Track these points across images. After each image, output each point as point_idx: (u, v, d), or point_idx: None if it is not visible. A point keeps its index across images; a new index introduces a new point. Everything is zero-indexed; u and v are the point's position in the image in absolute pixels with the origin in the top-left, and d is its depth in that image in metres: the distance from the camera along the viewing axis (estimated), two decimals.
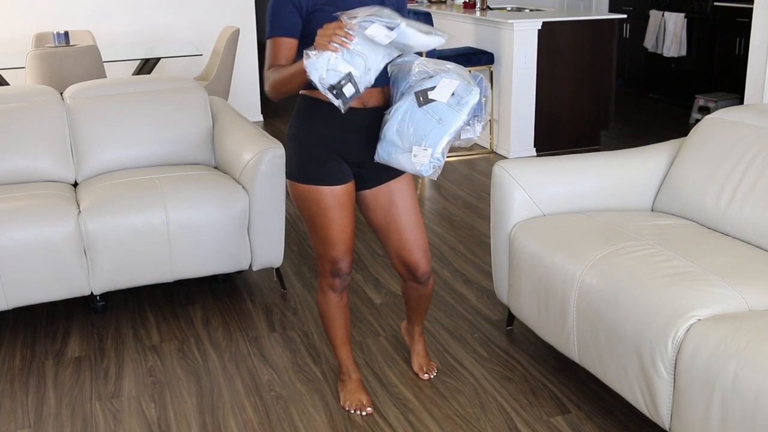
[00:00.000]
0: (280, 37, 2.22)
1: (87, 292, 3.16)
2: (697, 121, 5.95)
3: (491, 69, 5.69)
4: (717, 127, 2.84)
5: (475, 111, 2.19)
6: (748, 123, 2.77)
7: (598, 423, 2.49)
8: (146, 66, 5.70)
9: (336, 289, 2.47)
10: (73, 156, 3.55)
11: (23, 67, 5.00)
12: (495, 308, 3.28)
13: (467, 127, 2.21)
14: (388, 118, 2.19)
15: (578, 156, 3.02)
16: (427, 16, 5.45)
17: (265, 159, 3.23)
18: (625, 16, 6.30)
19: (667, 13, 7.12)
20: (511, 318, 3.10)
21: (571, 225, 2.71)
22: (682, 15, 6.96)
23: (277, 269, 3.52)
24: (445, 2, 7.24)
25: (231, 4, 6.78)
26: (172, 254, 3.19)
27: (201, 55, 5.73)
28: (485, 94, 2.22)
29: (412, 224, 2.45)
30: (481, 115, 2.22)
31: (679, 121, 6.74)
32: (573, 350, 2.52)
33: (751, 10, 4.74)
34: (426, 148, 2.14)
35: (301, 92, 2.35)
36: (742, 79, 5.64)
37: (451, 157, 5.68)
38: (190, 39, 6.66)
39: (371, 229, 2.54)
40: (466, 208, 4.56)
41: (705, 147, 2.82)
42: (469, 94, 2.14)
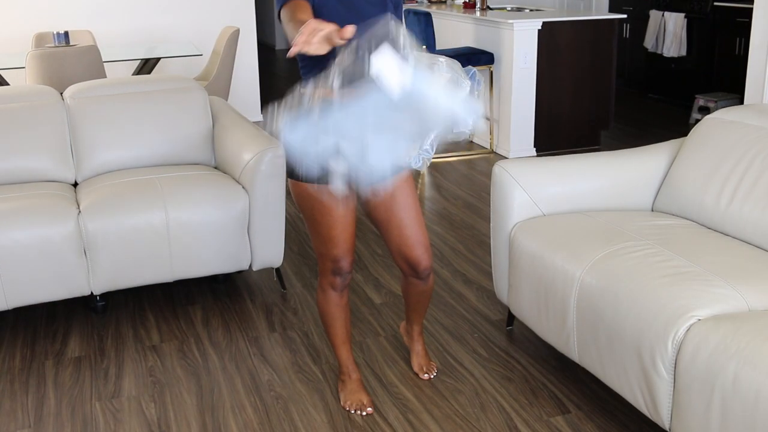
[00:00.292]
0: None
1: (87, 292, 3.16)
2: (697, 121, 5.95)
3: (491, 69, 5.69)
4: (717, 127, 2.84)
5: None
6: (748, 123, 2.77)
7: (598, 423, 2.49)
8: (146, 66, 5.70)
9: (337, 287, 2.47)
10: (73, 156, 3.55)
11: (23, 67, 5.00)
12: (495, 308, 3.28)
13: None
14: None
15: (578, 156, 3.02)
16: (427, 16, 5.45)
17: (265, 159, 3.23)
18: (625, 16, 6.30)
19: (667, 13, 7.12)
20: (511, 318, 3.10)
21: (571, 225, 2.71)
22: (682, 15, 6.96)
23: (277, 269, 3.52)
24: (445, 2, 7.24)
25: (231, 4, 6.78)
26: (172, 254, 3.19)
27: (201, 55, 5.73)
28: (478, 88, 2.22)
29: (413, 220, 2.46)
30: (473, 108, 2.22)
31: (679, 121, 6.74)
32: (573, 350, 2.52)
33: (751, 10, 4.75)
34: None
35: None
36: (742, 79, 5.64)
37: (451, 157, 5.68)
38: (190, 39, 6.66)
39: (372, 227, 2.54)
40: (466, 208, 4.56)
41: (705, 147, 2.82)
42: (459, 88, 2.14)
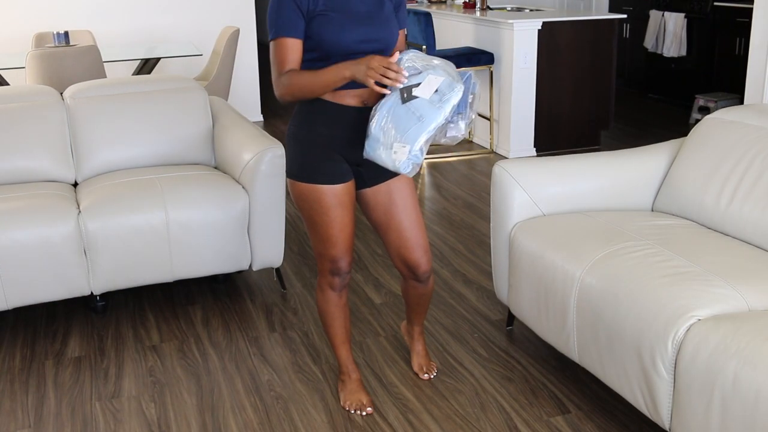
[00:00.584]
0: (286, 38, 2.21)
1: (87, 292, 3.16)
2: (697, 121, 5.95)
3: (491, 69, 5.69)
4: (717, 127, 2.84)
5: (459, 108, 2.17)
6: (748, 123, 2.77)
7: (598, 423, 2.48)
8: (146, 66, 5.70)
9: (335, 287, 2.47)
10: (73, 156, 3.55)
11: (23, 67, 5.00)
12: (495, 308, 3.28)
13: (451, 124, 2.19)
14: (374, 114, 2.19)
15: (578, 156, 3.02)
16: (427, 16, 5.45)
17: (265, 159, 3.23)
18: (625, 16, 6.30)
19: (667, 13, 7.12)
20: (511, 318, 3.10)
21: (571, 225, 2.71)
22: (682, 15, 6.96)
23: (277, 269, 3.52)
24: (445, 2, 7.24)
25: (231, 4, 6.78)
26: (172, 254, 3.19)
27: (201, 55, 5.73)
28: (473, 91, 2.20)
29: (413, 223, 2.45)
30: (466, 113, 2.20)
31: (679, 121, 6.74)
32: (573, 350, 2.52)
33: (751, 10, 4.75)
34: (404, 145, 2.13)
35: None
36: (742, 79, 5.64)
37: (451, 157, 5.68)
38: (190, 39, 6.67)
39: (372, 229, 2.54)
40: (466, 208, 4.56)
41: (705, 147, 2.82)
42: (452, 92, 2.13)
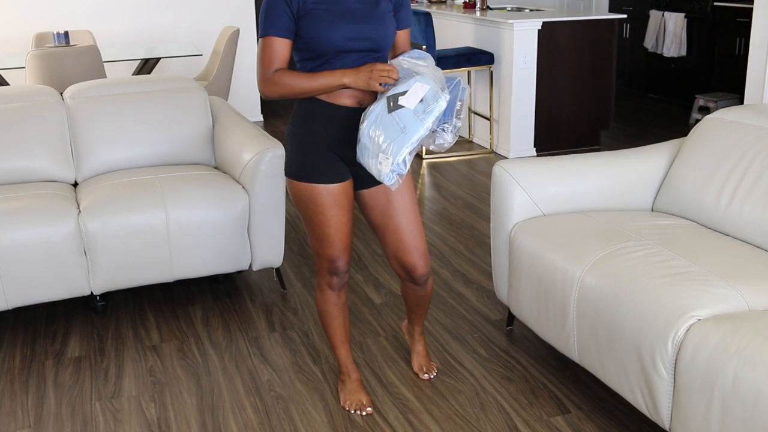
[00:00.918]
0: (274, 37, 2.23)
1: (87, 292, 3.16)
2: (697, 121, 5.96)
3: (491, 69, 5.69)
4: (717, 127, 2.84)
5: (445, 117, 2.16)
6: (748, 123, 2.77)
7: (598, 423, 2.48)
8: (146, 66, 5.70)
9: (334, 287, 2.47)
10: (73, 156, 3.55)
11: (23, 67, 5.00)
12: (495, 308, 3.28)
13: (438, 132, 2.18)
14: (364, 119, 2.19)
15: (578, 156, 3.02)
16: (427, 16, 5.45)
17: (265, 159, 3.23)
18: (625, 16, 6.30)
19: (667, 13, 7.12)
20: (511, 318, 3.10)
21: (571, 225, 2.71)
22: (682, 15, 6.96)
23: (277, 269, 3.52)
24: (445, 2, 7.24)
25: (231, 4, 6.78)
26: (172, 254, 3.19)
27: (201, 55, 5.73)
28: (461, 98, 2.18)
29: (410, 225, 2.45)
30: (452, 121, 2.18)
31: (679, 121, 6.74)
32: (573, 350, 2.52)
33: (751, 10, 4.75)
34: (388, 156, 2.13)
35: None
36: (742, 79, 5.64)
37: (451, 157, 5.68)
38: (190, 39, 6.66)
39: (371, 229, 2.54)
40: (466, 208, 4.56)
41: (705, 147, 2.82)
42: (436, 102, 2.11)
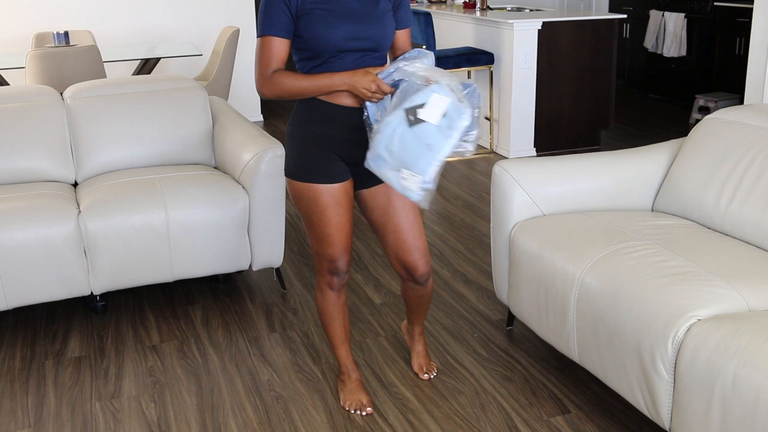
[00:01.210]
0: (272, 37, 2.22)
1: (87, 292, 3.16)
2: (697, 121, 5.95)
3: (491, 69, 5.69)
4: (717, 127, 2.84)
5: (468, 128, 2.10)
6: (748, 123, 2.77)
7: (598, 423, 2.48)
8: (146, 66, 5.70)
9: (334, 287, 2.47)
10: (73, 156, 3.55)
11: (23, 67, 5.00)
12: (495, 308, 3.28)
13: (459, 143, 2.12)
14: (378, 131, 2.13)
15: (578, 156, 3.02)
16: (427, 16, 5.45)
17: (265, 159, 3.23)
18: (625, 16, 6.30)
19: (667, 13, 7.12)
20: (511, 318, 3.10)
21: (571, 225, 2.71)
22: (682, 15, 6.96)
23: (277, 269, 3.52)
24: (445, 2, 7.24)
25: (231, 4, 6.78)
26: (172, 254, 3.19)
27: (201, 55, 5.73)
28: (478, 105, 2.13)
29: (411, 225, 2.45)
30: (474, 132, 2.12)
31: (679, 121, 6.74)
32: (573, 350, 2.52)
33: (751, 10, 4.74)
34: (415, 175, 2.08)
35: None
36: (742, 79, 5.64)
37: (451, 158, 5.66)
38: (190, 39, 6.66)
39: (371, 229, 2.54)
40: (466, 208, 4.56)
41: (705, 147, 2.82)
42: (461, 117, 2.06)
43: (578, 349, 2.49)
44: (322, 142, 2.32)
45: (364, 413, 2.56)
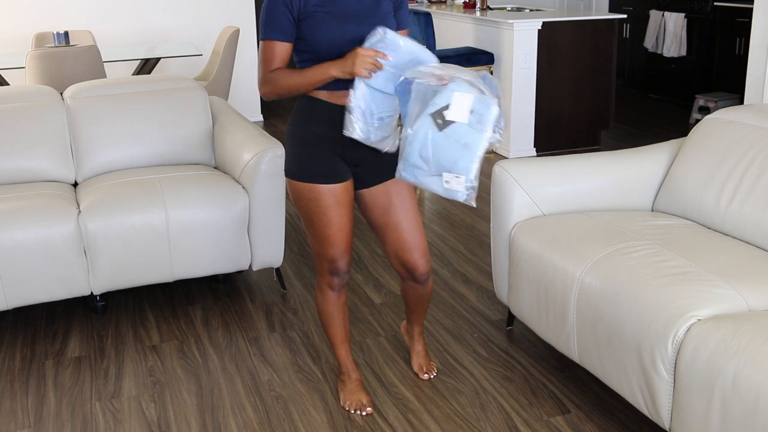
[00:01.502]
0: (273, 41, 2.22)
1: (87, 292, 3.16)
2: (697, 121, 5.95)
3: (491, 69, 5.69)
4: (717, 127, 2.84)
5: (497, 118, 2.07)
6: (748, 123, 2.77)
7: (598, 423, 2.48)
8: (146, 66, 5.70)
9: (334, 287, 2.47)
10: (73, 156, 3.55)
11: (23, 67, 5.00)
12: (495, 308, 3.28)
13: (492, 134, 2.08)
14: (407, 139, 2.09)
15: (578, 156, 3.02)
16: (427, 16, 5.45)
17: (265, 159, 3.23)
18: (625, 16, 6.30)
19: (667, 13, 7.12)
20: (511, 318, 3.10)
21: (571, 225, 2.71)
22: (682, 15, 6.96)
23: (277, 269, 3.52)
24: (445, 2, 7.24)
25: (231, 4, 6.78)
26: (172, 254, 3.19)
27: (201, 55, 5.73)
28: (497, 94, 2.09)
29: (411, 224, 2.45)
30: (501, 122, 2.09)
31: (679, 121, 6.74)
32: (573, 350, 2.52)
33: (751, 10, 4.74)
34: (458, 176, 2.05)
35: None
36: (742, 79, 5.64)
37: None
38: (190, 39, 6.66)
39: (371, 229, 2.54)
40: (466, 208, 4.56)
41: (705, 147, 2.82)
42: (488, 110, 2.03)
43: (578, 349, 2.49)
44: (323, 142, 2.32)
45: (364, 413, 2.56)
